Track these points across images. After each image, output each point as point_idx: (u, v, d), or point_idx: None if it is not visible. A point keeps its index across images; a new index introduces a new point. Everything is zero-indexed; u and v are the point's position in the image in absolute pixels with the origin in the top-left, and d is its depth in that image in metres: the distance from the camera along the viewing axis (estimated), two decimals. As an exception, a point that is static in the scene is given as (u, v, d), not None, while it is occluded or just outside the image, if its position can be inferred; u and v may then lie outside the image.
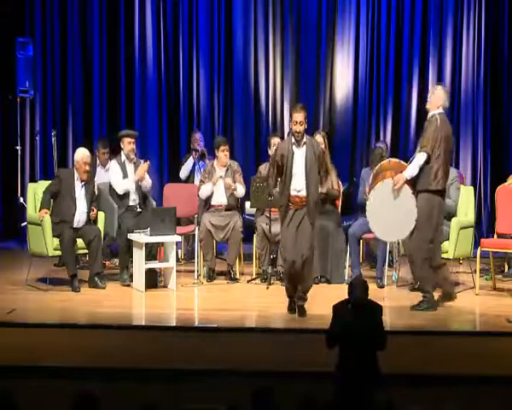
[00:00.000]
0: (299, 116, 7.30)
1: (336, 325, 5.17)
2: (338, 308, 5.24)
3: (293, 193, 7.32)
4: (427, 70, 11.39)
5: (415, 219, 7.39)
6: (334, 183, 9.09)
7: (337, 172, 9.26)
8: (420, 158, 7.39)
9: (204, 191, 9.02)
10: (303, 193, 7.32)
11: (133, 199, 8.91)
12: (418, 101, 11.42)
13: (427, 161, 7.38)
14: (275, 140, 9.04)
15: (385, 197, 7.47)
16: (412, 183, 7.47)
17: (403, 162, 7.74)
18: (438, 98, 7.53)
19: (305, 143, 7.35)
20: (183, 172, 10.33)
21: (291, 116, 7.46)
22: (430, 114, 7.54)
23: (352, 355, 5.00)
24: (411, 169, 7.42)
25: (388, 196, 7.45)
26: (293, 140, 7.37)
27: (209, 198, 9.05)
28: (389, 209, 7.46)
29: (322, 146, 8.55)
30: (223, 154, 9.05)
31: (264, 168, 9.16)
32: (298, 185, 7.34)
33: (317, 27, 11.42)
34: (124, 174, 8.92)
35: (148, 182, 9.01)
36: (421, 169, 7.40)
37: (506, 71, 11.33)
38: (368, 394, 4.89)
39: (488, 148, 11.29)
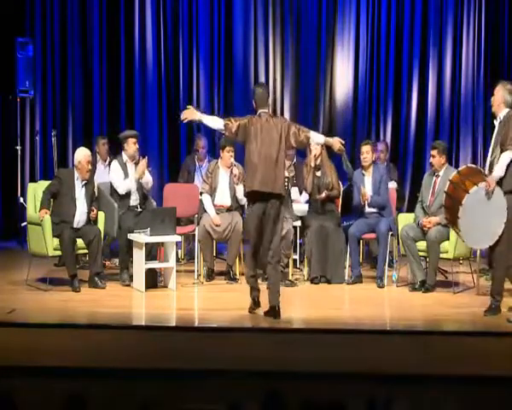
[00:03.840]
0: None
1: None
2: None
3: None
4: (427, 70, 11.41)
5: (504, 221, 7.14)
6: (334, 183, 9.11)
7: (337, 173, 9.27)
8: (506, 158, 7.17)
9: (206, 203, 9.03)
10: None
11: (134, 199, 8.91)
12: (418, 101, 11.44)
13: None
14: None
15: (477, 204, 7.12)
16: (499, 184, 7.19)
17: (470, 166, 7.50)
18: (499, 97, 7.32)
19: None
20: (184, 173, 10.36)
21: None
22: (503, 114, 7.30)
23: None
24: (499, 170, 7.15)
25: (481, 202, 7.12)
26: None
27: (212, 198, 9.07)
28: (481, 216, 7.12)
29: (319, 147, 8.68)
30: (228, 155, 9.04)
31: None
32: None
33: (317, 27, 11.44)
34: (125, 175, 8.90)
35: (148, 179, 8.99)
36: (507, 169, 7.19)
37: (506, 71, 11.33)
38: None
39: (488, 147, 11.26)
